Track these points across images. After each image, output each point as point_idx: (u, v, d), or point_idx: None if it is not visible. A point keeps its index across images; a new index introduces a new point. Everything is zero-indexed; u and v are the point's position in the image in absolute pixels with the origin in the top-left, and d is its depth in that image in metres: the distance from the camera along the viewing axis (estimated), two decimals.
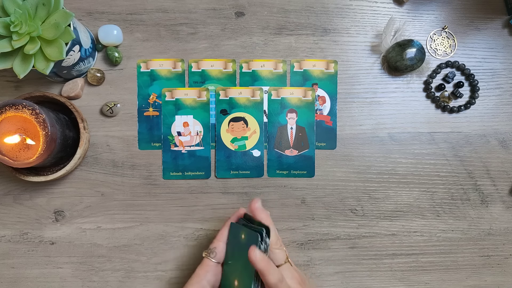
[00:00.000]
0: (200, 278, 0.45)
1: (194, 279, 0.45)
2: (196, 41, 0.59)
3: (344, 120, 0.60)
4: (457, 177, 0.60)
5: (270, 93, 0.59)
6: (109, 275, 0.58)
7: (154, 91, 0.59)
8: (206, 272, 0.46)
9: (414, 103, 0.60)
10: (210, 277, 0.46)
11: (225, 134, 0.59)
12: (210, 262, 0.46)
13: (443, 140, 0.60)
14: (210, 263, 0.46)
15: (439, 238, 0.60)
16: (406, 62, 0.57)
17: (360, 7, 0.61)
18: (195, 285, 0.45)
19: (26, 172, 0.54)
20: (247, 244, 0.45)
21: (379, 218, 0.60)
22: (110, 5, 0.59)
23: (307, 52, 0.60)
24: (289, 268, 0.46)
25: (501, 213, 0.60)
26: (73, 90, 0.57)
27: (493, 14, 0.61)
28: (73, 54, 0.51)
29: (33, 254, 0.58)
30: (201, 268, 0.46)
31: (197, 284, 0.45)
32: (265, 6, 0.60)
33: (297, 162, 0.59)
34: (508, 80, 0.61)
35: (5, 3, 0.47)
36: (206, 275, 0.45)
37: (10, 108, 0.47)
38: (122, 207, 0.58)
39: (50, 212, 0.58)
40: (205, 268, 0.46)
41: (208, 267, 0.46)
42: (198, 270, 0.46)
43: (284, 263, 0.46)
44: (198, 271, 0.46)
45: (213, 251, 0.47)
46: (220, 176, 0.59)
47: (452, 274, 0.60)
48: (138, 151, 0.59)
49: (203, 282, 0.45)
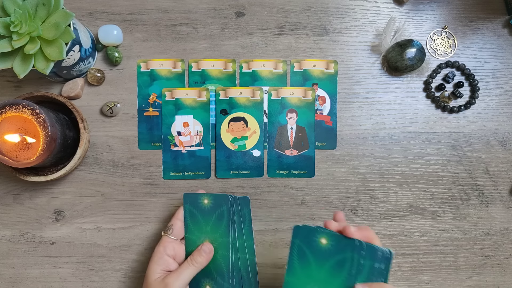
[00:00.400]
0: (161, 254, 0.48)
1: (155, 256, 0.48)
2: (196, 41, 0.59)
3: (344, 120, 0.60)
4: (457, 177, 0.60)
5: (270, 93, 0.59)
6: (109, 275, 0.58)
7: (154, 91, 0.59)
8: (164, 248, 0.49)
9: (414, 103, 0.60)
10: (169, 251, 0.49)
11: (225, 134, 0.59)
12: (168, 238, 0.50)
13: (443, 140, 0.60)
14: (168, 239, 0.50)
15: (439, 238, 0.60)
16: (406, 62, 0.57)
17: (360, 7, 0.61)
18: (158, 260, 0.48)
19: (26, 172, 0.54)
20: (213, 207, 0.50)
21: (379, 218, 0.60)
22: (110, 5, 0.59)
23: (307, 52, 0.60)
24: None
25: (501, 213, 0.60)
26: (73, 90, 0.57)
27: (493, 14, 0.61)
28: (73, 54, 0.51)
29: (33, 254, 0.58)
30: (160, 245, 0.49)
31: (159, 259, 0.48)
32: (265, 6, 0.60)
33: (297, 162, 0.59)
34: (508, 80, 0.61)
35: (5, 3, 0.47)
36: (165, 251, 0.49)
37: (10, 108, 0.47)
38: (122, 207, 0.58)
39: (50, 212, 0.58)
40: (163, 244, 0.49)
41: (166, 243, 0.49)
42: (157, 248, 0.49)
43: None
44: (158, 248, 0.49)
45: (170, 228, 0.50)
46: (220, 176, 0.59)
47: (452, 274, 0.60)
48: (138, 151, 0.59)
49: (164, 257, 0.48)
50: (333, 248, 0.39)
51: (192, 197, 0.51)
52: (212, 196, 0.51)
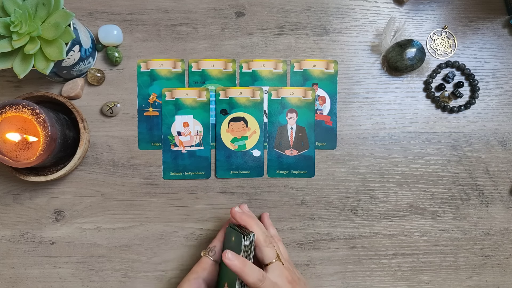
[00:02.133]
0: (198, 275, 0.46)
1: (191, 276, 0.46)
2: (196, 41, 0.59)
3: (344, 120, 0.60)
4: (457, 177, 0.60)
5: (270, 93, 0.59)
6: (109, 275, 0.58)
7: (154, 91, 0.59)
8: (203, 270, 0.47)
9: (414, 103, 0.60)
10: (207, 275, 0.47)
11: (225, 134, 0.59)
12: (208, 260, 0.47)
13: (443, 140, 0.60)
14: (208, 261, 0.47)
15: (439, 238, 0.60)
16: (406, 62, 0.57)
17: (360, 7, 0.61)
18: (192, 281, 0.46)
19: (26, 172, 0.54)
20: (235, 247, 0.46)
21: (379, 218, 0.60)
22: (110, 5, 0.59)
23: (307, 52, 0.60)
24: (278, 266, 0.45)
25: (501, 213, 0.60)
26: (73, 90, 0.57)
27: (493, 14, 0.61)
28: (73, 54, 0.51)
29: (33, 254, 0.58)
30: (199, 265, 0.47)
31: (194, 280, 0.46)
32: (265, 6, 0.60)
33: (297, 162, 0.59)
34: (508, 80, 0.61)
35: (5, 3, 0.47)
36: (203, 273, 0.46)
37: (10, 108, 0.47)
38: (122, 207, 0.58)
39: (50, 212, 0.58)
40: (203, 265, 0.47)
41: (205, 264, 0.47)
42: (196, 267, 0.47)
43: (274, 261, 0.45)
44: (196, 268, 0.47)
45: (212, 249, 0.48)
46: (220, 176, 0.59)
47: (452, 274, 0.60)
48: (138, 151, 0.59)
49: (199, 279, 0.46)
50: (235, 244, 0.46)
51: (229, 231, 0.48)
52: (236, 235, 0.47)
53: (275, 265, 0.45)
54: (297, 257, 0.59)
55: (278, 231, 0.59)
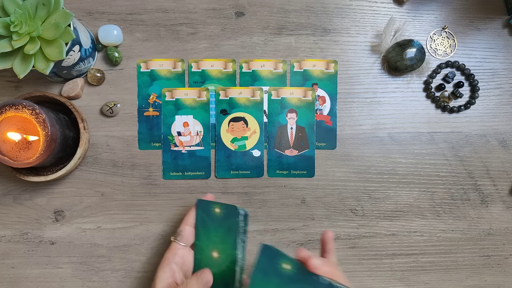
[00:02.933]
0: (169, 261, 0.48)
1: (163, 263, 0.48)
2: (196, 41, 0.59)
3: (344, 120, 0.60)
4: (457, 177, 0.60)
5: (270, 93, 0.59)
6: (109, 275, 0.58)
7: (154, 91, 0.59)
8: (174, 255, 0.48)
9: (414, 103, 0.60)
10: (178, 259, 0.48)
11: (225, 134, 0.59)
12: (178, 245, 0.49)
13: (443, 140, 0.60)
14: (177, 246, 0.49)
15: (439, 238, 0.60)
16: (406, 62, 0.57)
17: (360, 7, 0.61)
18: (165, 268, 0.47)
19: (26, 172, 0.54)
20: (224, 218, 0.49)
21: (379, 218, 0.60)
22: (110, 5, 0.59)
23: (307, 52, 0.60)
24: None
25: (501, 213, 0.60)
26: (73, 90, 0.57)
27: (493, 14, 0.61)
28: (73, 54, 0.51)
29: (33, 254, 0.58)
30: (169, 251, 0.48)
31: (167, 266, 0.47)
32: (265, 6, 0.60)
33: (297, 162, 0.59)
34: (508, 80, 0.61)
35: (5, 3, 0.47)
36: (174, 258, 0.48)
37: (10, 108, 0.47)
38: (122, 207, 0.58)
39: (50, 212, 0.58)
40: (173, 251, 0.48)
41: (175, 250, 0.48)
42: (166, 254, 0.48)
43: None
44: (167, 254, 0.48)
45: (180, 234, 0.49)
46: (220, 176, 0.59)
47: (452, 274, 0.60)
48: (138, 151, 0.59)
49: (172, 264, 0.47)
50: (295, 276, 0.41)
51: (204, 204, 0.50)
52: (223, 206, 0.50)
53: None
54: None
55: (278, 231, 0.59)
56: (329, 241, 0.48)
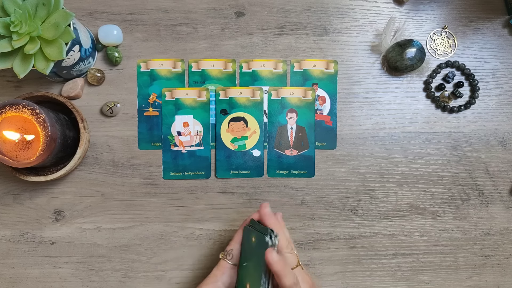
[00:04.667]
0: (216, 279, 0.46)
1: (210, 279, 0.46)
2: (196, 41, 0.59)
3: (344, 120, 0.60)
4: (457, 177, 0.60)
5: (270, 93, 0.59)
6: (109, 275, 0.58)
7: (154, 91, 0.59)
8: (222, 274, 0.46)
9: (414, 103, 0.60)
10: (226, 278, 0.46)
11: (225, 134, 0.59)
12: (226, 264, 0.47)
13: (443, 140, 0.60)
14: (227, 265, 0.47)
15: (439, 238, 0.60)
16: (406, 62, 0.57)
17: (360, 7, 0.61)
18: (211, 285, 0.45)
19: (26, 172, 0.54)
20: (256, 247, 0.45)
21: (379, 218, 0.60)
22: (110, 5, 0.59)
23: (307, 52, 0.60)
24: (300, 271, 0.46)
25: (501, 213, 0.60)
26: (73, 90, 0.57)
27: (493, 14, 0.61)
28: (73, 54, 0.51)
29: (33, 254, 0.58)
30: (218, 269, 0.47)
31: (213, 284, 0.45)
32: (265, 6, 0.60)
33: (297, 162, 0.59)
34: (508, 80, 0.61)
35: (5, 3, 0.47)
36: (222, 277, 0.46)
37: (10, 108, 0.47)
38: (122, 207, 0.58)
39: (50, 212, 0.58)
40: (222, 269, 0.46)
41: (224, 268, 0.46)
42: (215, 271, 0.47)
43: (296, 266, 0.46)
44: (215, 271, 0.47)
45: (230, 253, 0.47)
46: (220, 176, 0.59)
47: (452, 274, 0.60)
48: (138, 151, 0.59)
49: (219, 283, 0.46)
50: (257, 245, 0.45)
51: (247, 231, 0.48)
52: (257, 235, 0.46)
53: (297, 271, 0.45)
54: None
55: None
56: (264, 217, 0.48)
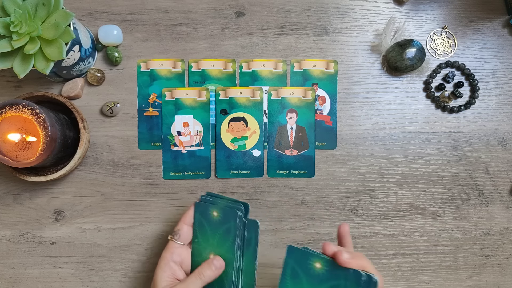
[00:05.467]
0: (167, 260, 0.48)
1: (161, 263, 0.48)
2: (196, 41, 0.59)
3: (344, 120, 0.60)
4: (457, 177, 0.60)
5: (270, 93, 0.59)
6: (109, 275, 0.58)
7: (154, 91, 0.59)
8: (171, 254, 0.48)
9: (414, 103, 0.60)
10: (176, 257, 0.48)
11: (225, 134, 0.59)
12: (175, 244, 0.49)
13: (443, 140, 0.60)
14: (175, 244, 0.49)
15: (439, 238, 0.60)
16: (406, 62, 0.57)
17: (360, 7, 0.61)
18: (164, 267, 0.47)
19: (26, 172, 0.54)
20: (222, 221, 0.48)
21: (379, 218, 0.60)
22: (110, 5, 0.59)
23: (307, 52, 0.60)
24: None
25: (501, 213, 0.60)
26: (73, 90, 0.57)
27: (493, 14, 0.61)
28: (73, 54, 0.51)
29: (33, 254, 0.58)
30: (166, 250, 0.49)
31: (166, 266, 0.47)
32: (265, 6, 0.60)
33: (297, 162, 0.59)
34: (508, 80, 0.61)
35: (5, 3, 0.47)
36: (172, 256, 0.48)
37: (10, 108, 0.47)
38: (122, 207, 0.58)
39: (50, 212, 0.58)
40: (170, 250, 0.48)
41: (172, 248, 0.49)
42: (164, 253, 0.49)
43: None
44: (164, 254, 0.48)
45: (177, 233, 0.49)
46: (220, 176, 0.59)
47: (452, 274, 0.60)
48: (138, 151, 0.59)
49: (170, 263, 0.48)
50: (327, 273, 0.40)
51: (202, 206, 0.50)
52: (221, 209, 0.49)
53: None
54: None
55: (278, 231, 0.59)
56: (346, 235, 0.47)
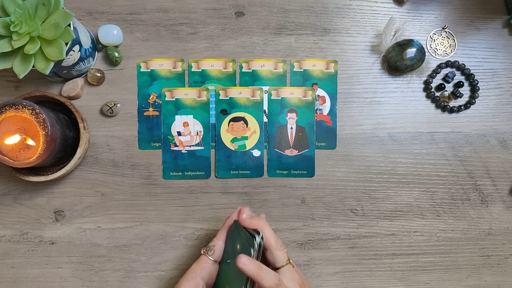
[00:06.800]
0: (196, 274, 0.45)
1: (189, 275, 0.45)
2: (196, 41, 0.59)
3: (344, 120, 0.60)
4: (457, 177, 0.60)
5: (270, 93, 0.59)
6: (109, 275, 0.58)
7: (154, 91, 0.59)
8: (202, 269, 0.46)
9: (414, 103, 0.60)
10: (205, 274, 0.46)
11: (225, 134, 0.59)
12: (207, 259, 0.46)
13: (443, 140, 0.60)
14: (207, 260, 0.46)
15: (439, 238, 0.60)
16: (406, 62, 0.57)
17: (360, 7, 0.61)
18: (190, 280, 0.45)
19: (26, 172, 0.54)
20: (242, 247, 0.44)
21: (379, 218, 0.60)
22: (110, 5, 0.59)
23: (307, 52, 0.60)
24: (290, 269, 0.45)
25: (501, 213, 0.60)
26: (73, 90, 0.57)
27: (493, 14, 0.61)
28: (73, 54, 0.51)
29: (33, 254, 0.58)
30: (197, 264, 0.46)
31: (192, 280, 0.45)
32: (265, 6, 0.60)
33: (297, 162, 0.59)
34: (508, 80, 0.61)
35: (5, 3, 0.47)
36: (201, 272, 0.45)
37: (10, 108, 0.47)
38: (122, 207, 0.58)
39: (50, 212, 0.58)
40: (201, 265, 0.46)
41: (204, 264, 0.46)
42: (194, 266, 0.46)
43: (286, 264, 0.45)
44: (194, 267, 0.46)
45: (212, 249, 0.47)
46: (220, 176, 0.59)
47: (452, 274, 0.60)
48: (138, 151, 0.59)
49: (198, 278, 0.45)
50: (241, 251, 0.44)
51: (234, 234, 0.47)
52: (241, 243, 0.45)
53: (287, 268, 0.45)
54: (297, 257, 0.59)
55: (278, 231, 0.59)
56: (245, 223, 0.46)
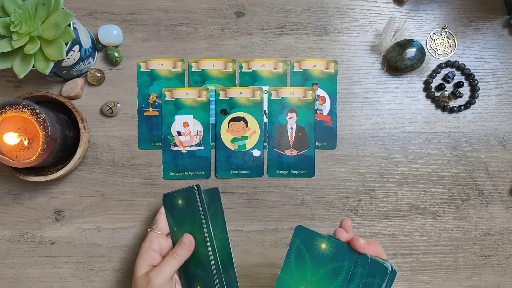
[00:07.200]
0: (147, 248, 0.49)
1: (142, 252, 0.49)
2: (196, 41, 0.59)
3: (344, 120, 0.60)
4: (457, 177, 0.60)
5: (270, 93, 0.59)
6: (109, 275, 0.58)
7: (154, 91, 0.59)
8: (151, 243, 0.50)
9: (414, 103, 0.60)
10: (156, 246, 0.50)
11: (225, 134, 0.59)
12: (153, 233, 0.51)
13: (443, 140, 0.60)
14: (154, 234, 0.51)
15: (439, 238, 0.60)
16: (406, 62, 0.57)
17: (360, 7, 0.61)
18: (143, 255, 0.49)
19: (26, 172, 0.54)
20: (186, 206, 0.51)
21: (379, 218, 0.60)
22: (110, 5, 0.59)
23: (307, 52, 0.60)
24: None
25: (501, 213, 0.60)
26: (73, 90, 0.57)
27: (493, 14, 0.61)
28: (73, 54, 0.51)
29: (33, 254, 0.58)
30: (146, 241, 0.50)
31: (145, 254, 0.49)
32: (265, 6, 0.60)
33: (297, 162, 0.59)
34: (508, 80, 0.61)
35: (5, 3, 0.47)
36: (151, 245, 0.50)
37: (10, 108, 0.47)
38: (122, 207, 0.58)
39: (50, 212, 0.58)
40: (149, 239, 0.50)
41: (151, 238, 0.50)
42: (143, 244, 0.50)
43: None
44: (144, 244, 0.50)
45: (155, 222, 0.52)
46: (220, 176, 0.59)
47: (452, 274, 0.60)
48: (138, 151, 0.59)
49: (150, 251, 0.49)
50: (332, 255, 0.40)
51: (168, 200, 0.52)
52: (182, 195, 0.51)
53: None
54: None
55: (278, 231, 0.59)
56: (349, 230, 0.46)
